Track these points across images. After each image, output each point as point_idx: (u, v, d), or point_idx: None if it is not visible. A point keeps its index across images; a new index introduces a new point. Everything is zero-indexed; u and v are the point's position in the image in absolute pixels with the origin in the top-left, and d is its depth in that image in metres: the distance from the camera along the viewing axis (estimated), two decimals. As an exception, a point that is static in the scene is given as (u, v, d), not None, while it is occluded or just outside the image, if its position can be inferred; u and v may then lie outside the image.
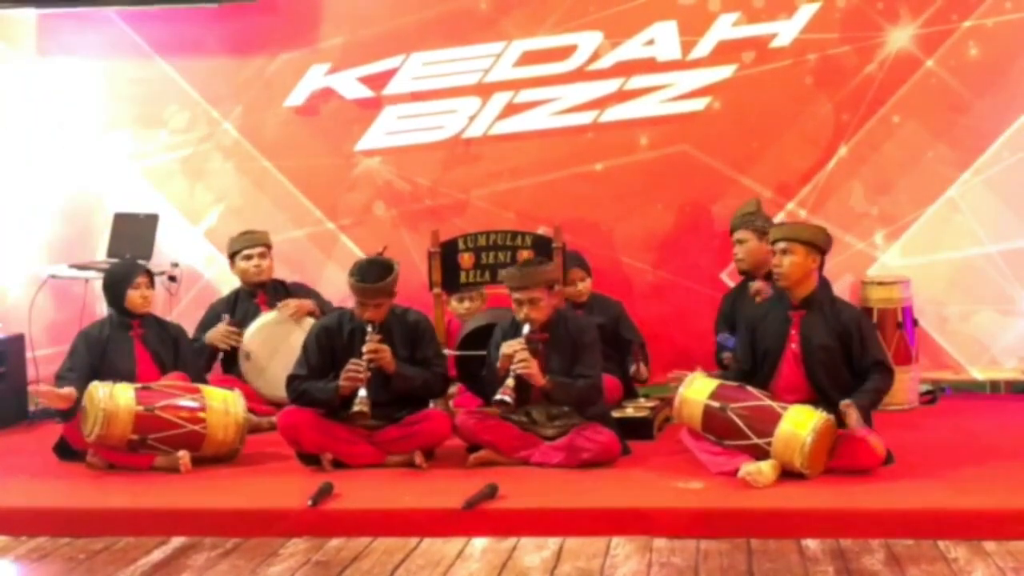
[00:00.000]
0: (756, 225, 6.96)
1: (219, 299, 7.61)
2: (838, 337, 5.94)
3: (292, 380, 6.24)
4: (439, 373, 6.33)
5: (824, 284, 6.36)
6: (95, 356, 6.49)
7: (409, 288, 7.01)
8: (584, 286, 7.11)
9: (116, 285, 6.58)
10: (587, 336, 6.22)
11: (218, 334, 7.26)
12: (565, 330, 6.19)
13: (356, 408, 5.97)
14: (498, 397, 5.93)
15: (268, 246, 7.46)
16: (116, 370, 6.40)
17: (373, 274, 6.13)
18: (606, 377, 6.67)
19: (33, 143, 8.27)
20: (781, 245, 6.00)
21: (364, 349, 6.07)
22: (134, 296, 6.53)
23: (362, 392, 5.99)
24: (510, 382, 5.95)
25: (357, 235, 7.98)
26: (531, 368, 5.97)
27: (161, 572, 5.05)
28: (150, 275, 6.66)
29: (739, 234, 7.02)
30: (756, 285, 6.79)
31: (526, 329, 6.07)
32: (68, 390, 6.20)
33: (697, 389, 5.93)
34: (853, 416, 5.74)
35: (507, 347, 6.03)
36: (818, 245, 6.03)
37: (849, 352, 5.95)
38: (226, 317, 7.30)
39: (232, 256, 7.46)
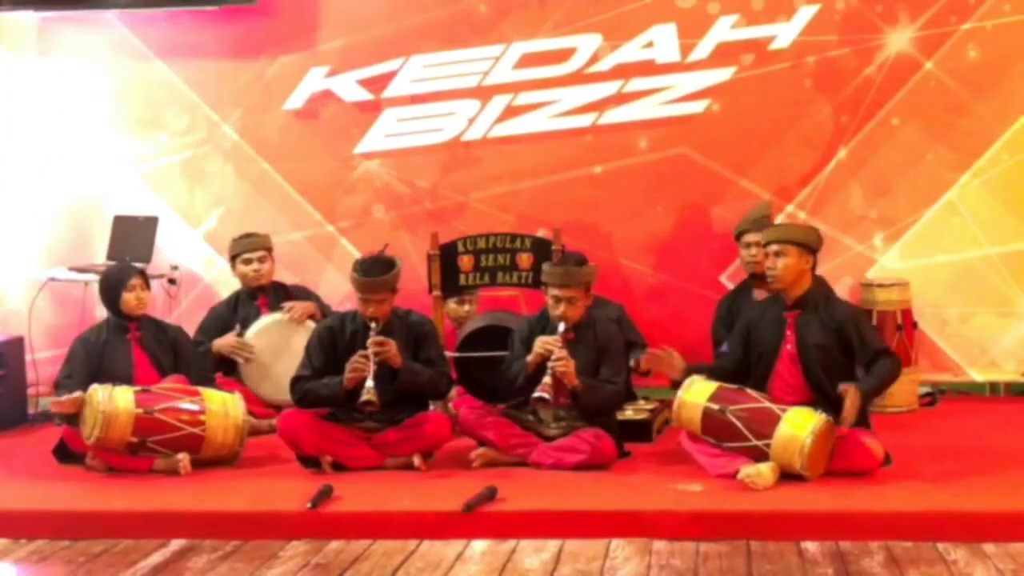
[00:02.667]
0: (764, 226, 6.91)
1: (220, 301, 7.60)
2: (834, 336, 5.95)
3: (296, 382, 6.24)
4: (444, 373, 6.34)
5: (820, 283, 6.36)
6: (93, 361, 6.48)
7: (408, 291, 7.01)
8: None
9: (111, 288, 6.58)
10: (615, 343, 6.25)
11: (226, 345, 7.24)
12: (592, 333, 6.21)
13: (364, 398, 5.96)
14: (537, 394, 5.92)
15: (269, 249, 7.45)
16: (114, 373, 6.39)
17: (375, 269, 6.13)
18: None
19: (33, 146, 8.27)
20: (774, 247, 6.01)
21: (369, 343, 6.06)
22: (129, 299, 6.53)
23: (369, 383, 5.98)
24: (548, 379, 5.94)
25: (356, 238, 7.98)
26: (569, 367, 5.97)
27: (160, 575, 5.05)
28: (145, 277, 6.65)
29: (750, 236, 6.96)
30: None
31: (562, 327, 6.07)
32: (76, 395, 6.15)
33: (696, 392, 5.94)
34: (849, 398, 5.67)
35: (543, 344, 6.03)
36: (810, 245, 6.04)
37: (846, 350, 5.94)
38: (237, 328, 7.28)
39: (233, 259, 7.46)
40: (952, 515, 5.25)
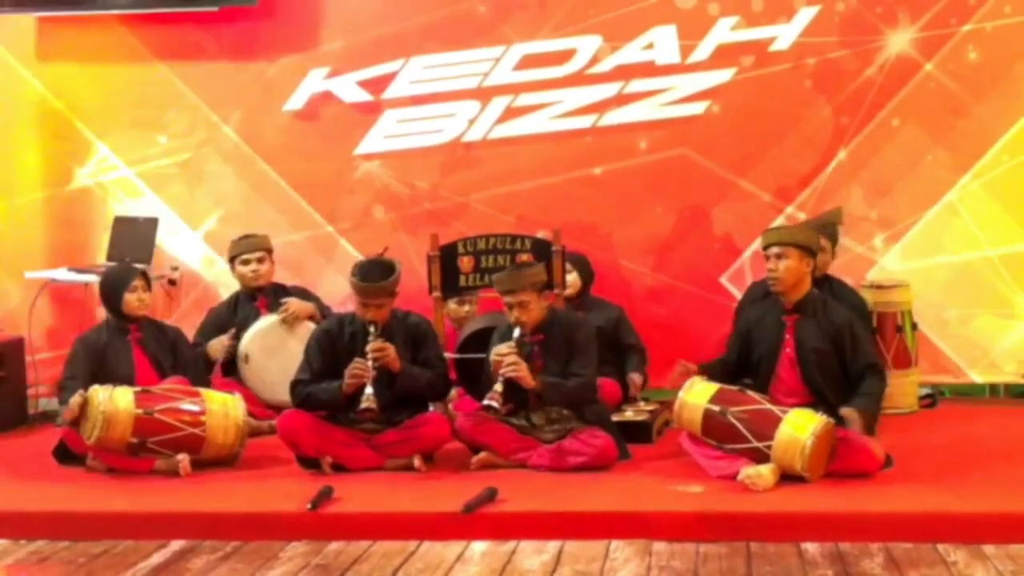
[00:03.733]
0: (828, 232, 6.89)
1: (220, 303, 7.61)
2: (831, 340, 5.96)
3: (295, 385, 6.25)
4: (442, 374, 6.34)
5: (827, 282, 6.36)
6: (94, 361, 6.49)
7: (408, 292, 7.01)
8: (570, 279, 7.08)
9: (112, 290, 6.58)
10: (580, 334, 6.22)
11: (217, 347, 7.24)
12: (560, 331, 6.20)
13: (364, 405, 5.97)
14: (485, 403, 5.95)
15: (268, 250, 7.44)
16: (115, 375, 6.39)
17: (375, 274, 6.13)
18: (606, 381, 6.69)
19: (33, 147, 8.27)
20: (775, 250, 6.03)
21: (368, 348, 6.07)
22: (131, 300, 6.53)
23: (368, 389, 5.99)
24: (498, 387, 5.95)
25: (356, 239, 7.99)
26: (520, 371, 5.97)
27: (160, 576, 5.06)
28: (146, 279, 6.66)
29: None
30: None
31: (516, 332, 6.08)
32: (77, 398, 6.15)
33: (697, 393, 5.94)
34: (857, 425, 5.74)
35: (497, 352, 6.04)
36: (811, 249, 6.05)
37: (843, 355, 5.95)
38: (232, 331, 7.27)
39: (232, 260, 7.46)
40: (952, 516, 5.25)
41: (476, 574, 4.96)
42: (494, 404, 5.92)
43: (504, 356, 5.99)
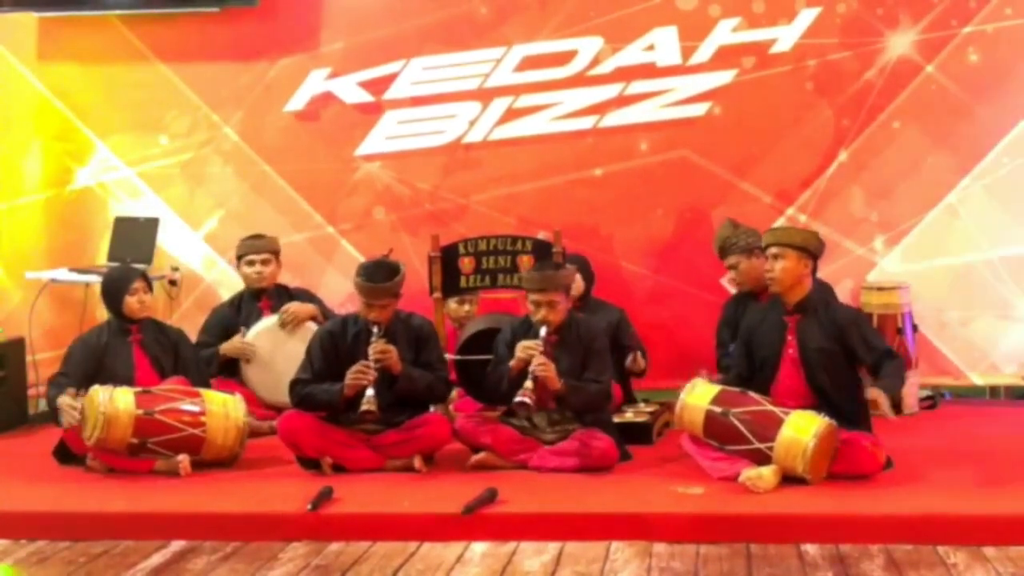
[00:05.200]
0: (740, 246, 6.98)
1: (223, 302, 7.61)
2: (835, 339, 5.96)
3: (295, 385, 6.25)
4: (443, 377, 6.35)
5: (822, 287, 6.38)
6: (91, 362, 6.50)
7: (409, 292, 7.00)
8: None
9: (113, 291, 6.59)
10: (598, 341, 6.25)
11: (232, 347, 7.23)
12: (576, 333, 6.21)
13: (364, 407, 5.97)
14: (518, 399, 5.92)
15: (274, 252, 7.44)
16: (115, 375, 6.39)
17: (380, 275, 6.14)
18: (606, 382, 6.69)
19: (34, 147, 8.27)
20: (773, 250, 6.03)
21: (371, 350, 6.08)
22: (131, 302, 6.54)
23: (369, 391, 6.00)
24: (529, 384, 5.94)
25: (357, 240, 7.99)
26: (549, 371, 5.98)
27: (161, 576, 5.06)
28: (147, 280, 6.67)
29: (729, 260, 7.05)
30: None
31: (543, 331, 6.08)
32: (70, 398, 6.18)
33: (699, 395, 5.94)
34: (884, 403, 5.68)
35: (524, 349, 6.04)
36: (810, 250, 6.04)
37: (848, 353, 5.95)
38: (243, 330, 7.27)
39: (239, 259, 7.47)
40: (952, 518, 5.25)
41: (476, 575, 4.96)
42: (527, 400, 5.91)
43: (533, 353, 5.98)
